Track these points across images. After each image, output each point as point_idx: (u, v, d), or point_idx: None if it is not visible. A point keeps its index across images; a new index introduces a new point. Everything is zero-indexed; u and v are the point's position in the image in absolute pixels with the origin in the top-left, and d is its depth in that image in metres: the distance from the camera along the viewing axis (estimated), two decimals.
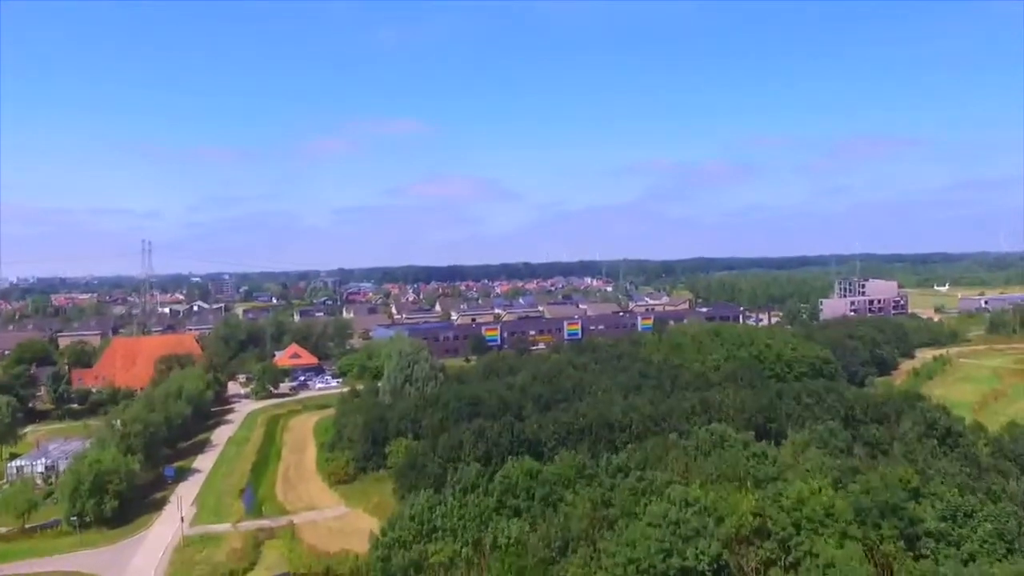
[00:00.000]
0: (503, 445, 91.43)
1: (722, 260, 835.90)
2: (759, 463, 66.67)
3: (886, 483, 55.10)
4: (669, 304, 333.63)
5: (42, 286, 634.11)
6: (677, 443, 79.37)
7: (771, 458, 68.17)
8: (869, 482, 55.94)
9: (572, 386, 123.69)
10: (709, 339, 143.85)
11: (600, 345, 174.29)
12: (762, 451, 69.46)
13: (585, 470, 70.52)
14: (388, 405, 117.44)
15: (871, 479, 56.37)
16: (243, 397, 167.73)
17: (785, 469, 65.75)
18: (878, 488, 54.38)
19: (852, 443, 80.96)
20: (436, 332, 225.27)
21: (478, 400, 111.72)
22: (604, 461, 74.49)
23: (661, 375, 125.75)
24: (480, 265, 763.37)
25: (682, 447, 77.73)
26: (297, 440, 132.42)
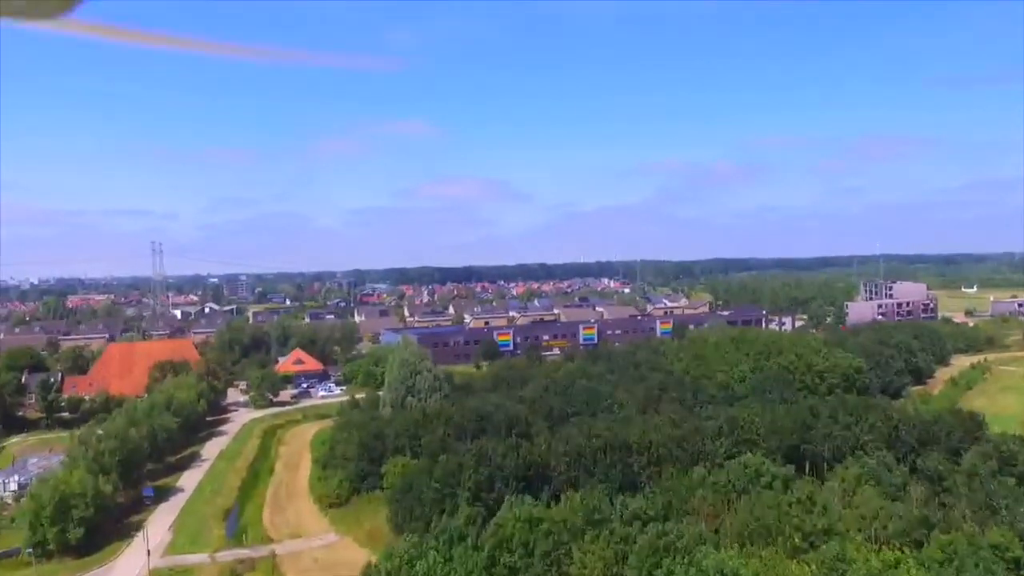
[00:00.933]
0: (508, 469, 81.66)
1: (740, 261, 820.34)
2: (804, 510, 56.16)
3: (976, 550, 44.49)
4: (688, 307, 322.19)
5: (61, 287, 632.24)
6: (705, 480, 69.00)
7: (819, 504, 57.52)
8: (955, 548, 45.17)
9: (586, 399, 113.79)
10: (734, 347, 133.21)
11: (617, 352, 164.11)
12: (807, 495, 58.39)
13: (596, 514, 60.28)
14: (387, 420, 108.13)
15: (956, 544, 45.54)
16: (242, 405, 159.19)
17: (837, 519, 55.21)
18: (966, 554, 43.70)
19: (909, 478, 70.09)
20: (446, 337, 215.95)
21: (483, 415, 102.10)
22: (620, 504, 64.23)
23: (683, 387, 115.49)
24: (496, 266, 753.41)
25: (711, 485, 67.40)
26: (292, 454, 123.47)
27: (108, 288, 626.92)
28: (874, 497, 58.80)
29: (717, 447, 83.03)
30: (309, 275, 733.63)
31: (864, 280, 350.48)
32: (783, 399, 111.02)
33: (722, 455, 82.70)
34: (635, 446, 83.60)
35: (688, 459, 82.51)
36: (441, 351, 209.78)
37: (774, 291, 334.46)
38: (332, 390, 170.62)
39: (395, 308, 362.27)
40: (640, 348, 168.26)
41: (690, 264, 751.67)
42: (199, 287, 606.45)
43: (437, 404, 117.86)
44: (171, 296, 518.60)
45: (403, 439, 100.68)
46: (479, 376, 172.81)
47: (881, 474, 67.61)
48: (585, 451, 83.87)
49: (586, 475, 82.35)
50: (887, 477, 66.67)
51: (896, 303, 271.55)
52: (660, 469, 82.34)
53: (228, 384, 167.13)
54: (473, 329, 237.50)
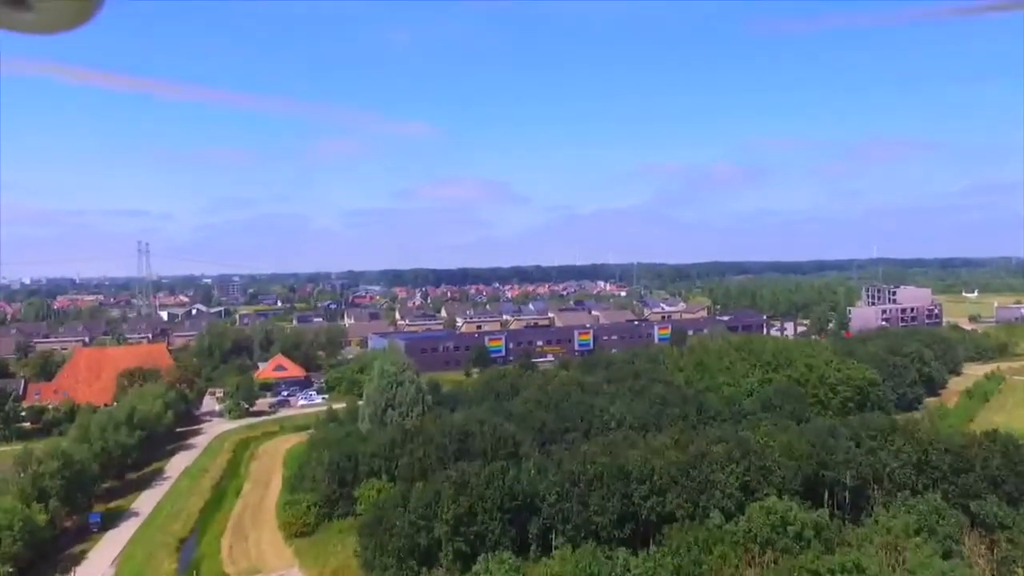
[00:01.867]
0: (491, 499, 71.72)
1: (736, 264, 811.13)
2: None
3: None
4: (686, 311, 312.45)
5: (51, 287, 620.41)
6: (720, 531, 59.06)
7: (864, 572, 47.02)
8: None
9: (580, 414, 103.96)
10: (739, 356, 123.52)
11: (614, 360, 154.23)
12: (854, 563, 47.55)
13: None
14: (362, 437, 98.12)
15: None
16: (218, 415, 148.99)
17: None
18: None
19: (966, 525, 59.99)
20: (436, 342, 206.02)
21: (467, 434, 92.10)
22: (620, 566, 54.17)
23: (686, 403, 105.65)
24: (491, 268, 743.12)
25: (729, 538, 57.40)
26: (263, 471, 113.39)
27: (100, 289, 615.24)
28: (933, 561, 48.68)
29: (728, 476, 73.20)
30: (304, 276, 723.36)
31: (865, 284, 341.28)
32: (794, 416, 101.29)
33: (734, 485, 72.91)
34: (635, 474, 73.69)
35: (695, 488, 72.70)
36: (430, 357, 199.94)
37: (774, 295, 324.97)
38: (313, 399, 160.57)
39: (386, 311, 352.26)
40: (638, 356, 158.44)
41: (687, 267, 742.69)
42: (192, 288, 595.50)
43: (419, 419, 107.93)
44: (162, 297, 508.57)
45: (379, 460, 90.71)
46: (469, 384, 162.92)
47: (932, 521, 57.79)
48: (579, 479, 73.95)
49: (579, 506, 72.45)
50: (942, 527, 56.83)
51: (900, 308, 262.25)
52: (663, 500, 72.49)
53: (203, 392, 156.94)
54: (464, 334, 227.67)
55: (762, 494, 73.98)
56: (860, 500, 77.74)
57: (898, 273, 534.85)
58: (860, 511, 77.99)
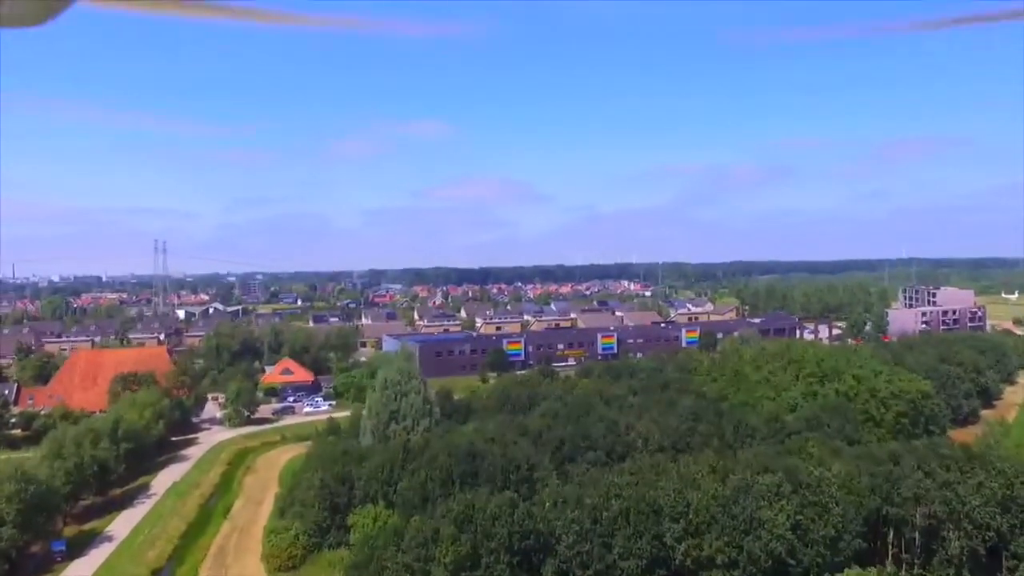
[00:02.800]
0: (497, 538, 60.87)
1: (761, 263, 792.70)
2: None
3: None
4: (714, 312, 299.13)
5: (77, 285, 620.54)
6: None
7: None
8: None
9: (604, 431, 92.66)
10: (779, 366, 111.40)
11: (640, 367, 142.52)
12: None
13: None
14: (359, 455, 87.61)
15: None
16: (218, 422, 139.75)
17: None
18: None
19: None
20: (452, 345, 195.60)
21: (475, 454, 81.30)
22: None
23: (721, 419, 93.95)
24: (513, 267, 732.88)
25: None
26: (258, 487, 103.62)
27: (124, 287, 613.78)
28: None
29: (777, 514, 61.64)
30: (325, 274, 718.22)
31: (902, 285, 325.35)
32: (844, 436, 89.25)
33: (784, 525, 61.28)
34: (667, 510, 62.38)
35: (738, 529, 61.23)
36: (445, 360, 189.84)
37: (804, 296, 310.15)
38: (319, 406, 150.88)
39: (405, 310, 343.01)
40: (666, 362, 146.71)
41: (712, 267, 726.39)
42: (215, 286, 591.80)
43: (425, 434, 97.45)
44: (183, 295, 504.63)
45: (376, 483, 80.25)
46: (484, 391, 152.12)
47: None
48: (601, 515, 62.78)
49: (602, 549, 61.31)
50: None
51: (941, 311, 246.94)
52: (701, 543, 61.11)
53: (202, 398, 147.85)
54: (481, 336, 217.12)
55: (816, 535, 62.45)
56: (932, 543, 65.74)
57: (929, 273, 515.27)
58: (931, 556, 66.10)
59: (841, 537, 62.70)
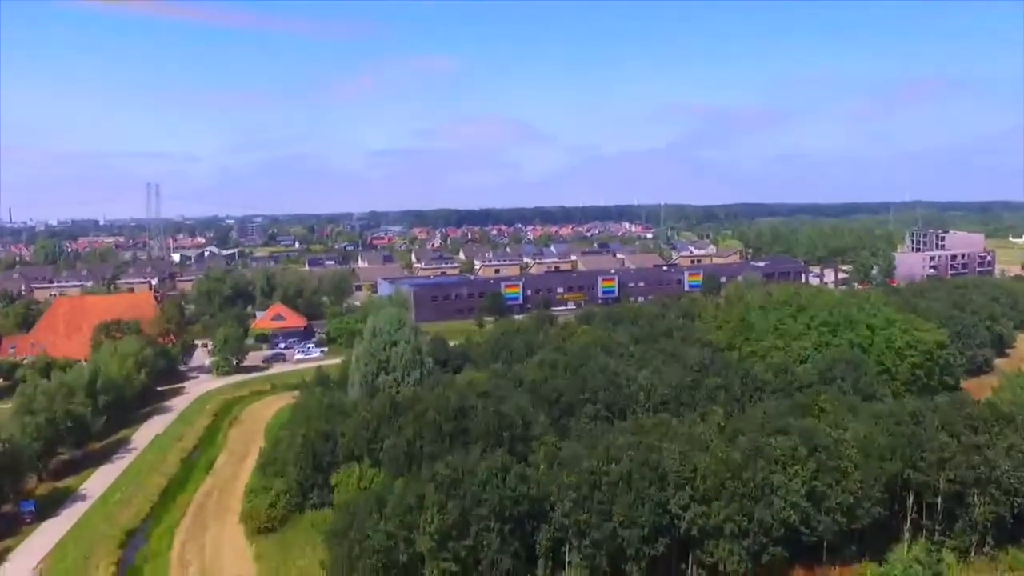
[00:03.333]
0: (488, 504, 55.88)
1: (765, 206, 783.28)
2: None
3: None
4: (717, 255, 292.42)
5: (74, 229, 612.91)
6: None
7: None
8: None
9: (604, 383, 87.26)
10: (788, 314, 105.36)
11: (641, 313, 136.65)
12: None
13: None
14: (344, 410, 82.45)
15: None
16: (206, 371, 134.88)
17: None
18: None
19: None
20: (448, 289, 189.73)
21: (467, 410, 76.03)
22: None
23: (728, 371, 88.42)
24: (514, 208, 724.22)
25: None
26: (243, 440, 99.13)
27: (123, 230, 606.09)
28: None
29: (790, 479, 56.44)
30: (325, 217, 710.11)
31: (909, 229, 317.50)
32: (859, 390, 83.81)
33: (798, 492, 56.15)
34: (672, 475, 57.16)
35: (748, 495, 56.10)
36: (441, 305, 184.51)
37: (809, 239, 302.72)
38: (311, 352, 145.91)
39: (403, 253, 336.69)
40: (668, 307, 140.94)
41: (714, 208, 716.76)
42: (214, 229, 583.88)
43: (416, 386, 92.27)
44: (181, 238, 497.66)
45: (361, 440, 75.18)
46: (480, 337, 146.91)
47: None
48: (600, 480, 57.60)
49: (601, 517, 56.33)
50: None
51: (949, 255, 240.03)
52: (708, 511, 56.08)
53: (189, 346, 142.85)
54: (478, 280, 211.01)
55: (833, 502, 57.37)
56: (956, 508, 60.78)
57: (935, 217, 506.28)
58: (953, 522, 61.25)
59: (860, 504, 57.64)
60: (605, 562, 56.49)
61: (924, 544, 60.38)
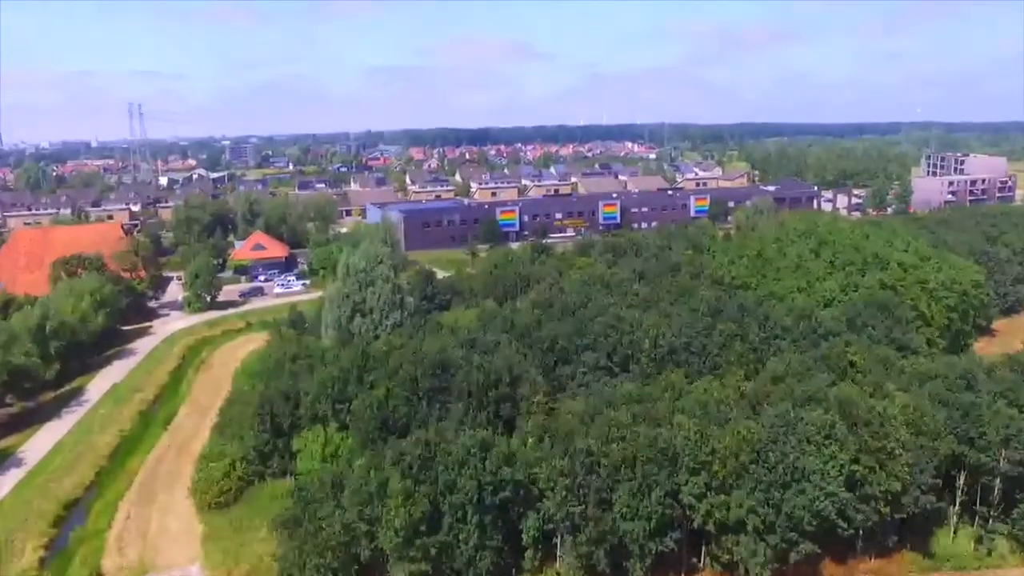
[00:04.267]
0: (464, 489, 46.32)
1: (770, 126, 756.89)
2: None
3: None
4: (723, 178, 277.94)
5: (63, 152, 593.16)
6: None
7: None
8: None
9: (604, 329, 76.89)
10: (809, 249, 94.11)
11: (645, 244, 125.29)
12: None
13: None
14: (309, 362, 72.40)
15: None
16: (178, 307, 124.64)
17: None
18: None
19: None
20: (440, 215, 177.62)
21: (447, 365, 65.96)
22: None
23: (744, 315, 77.81)
24: (513, 128, 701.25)
25: None
26: (209, 389, 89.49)
27: (113, 153, 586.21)
28: None
29: (826, 463, 46.61)
30: (322, 137, 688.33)
31: (921, 151, 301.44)
32: (892, 340, 73.46)
33: (835, 478, 46.38)
34: (684, 458, 47.32)
35: (776, 483, 46.44)
36: (432, 232, 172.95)
37: (819, 162, 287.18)
38: (291, 286, 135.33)
39: (398, 174, 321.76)
40: (675, 239, 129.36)
41: (719, 128, 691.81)
42: (206, 150, 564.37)
43: (389, 339, 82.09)
44: (172, 160, 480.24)
45: (326, 399, 65.37)
46: (472, 267, 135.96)
47: None
48: (598, 463, 47.85)
49: (597, 509, 46.84)
50: None
51: (969, 181, 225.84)
52: (728, 501, 46.51)
53: (160, 280, 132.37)
54: (472, 205, 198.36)
55: (876, 490, 47.72)
56: (1017, 492, 51.22)
57: (946, 139, 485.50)
58: (1011, 508, 51.80)
59: (907, 491, 48.03)
60: (604, 559, 47.32)
61: (975, 531, 51.24)
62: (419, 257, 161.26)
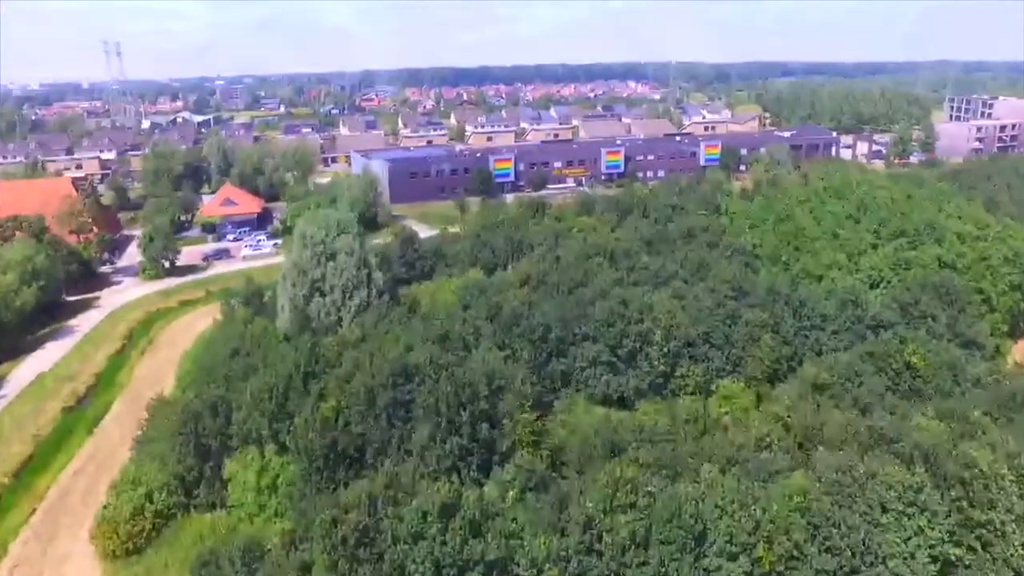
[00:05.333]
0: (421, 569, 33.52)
1: (778, 64, 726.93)
2: None
3: None
4: (733, 122, 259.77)
5: (49, 93, 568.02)
6: None
7: None
8: None
9: (607, 315, 63.35)
10: (845, 213, 79.59)
11: (654, 202, 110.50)
12: None
13: None
14: (249, 366, 59.01)
15: None
16: (133, 273, 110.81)
17: None
18: None
19: None
20: (427, 164, 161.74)
21: (411, 373, 52.64)
22: None
23: (774, 300, 64.04)
24: (514, 66, 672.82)
25: None
26: (152, 378, 76.27)
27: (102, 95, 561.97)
28: None
29: (907, 538, 33.58)
30: (317, 77, 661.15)
31: (939, 92, 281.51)
32: (955, 332, 59.81)
33: (924, 564, 33.37)
34: (717, 537, 34.18)
35: (843, 570, 33.43)
36: (420, 183, 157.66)
37: (834, 104, 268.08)
38: (260, 247, 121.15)
39: (391, 116, 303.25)
40: (687, 195, 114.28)
41: (725, 67, 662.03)
42: (198, 92, 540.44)
43: (360, 314, 68.63)
44: (161, 102, 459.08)
45: (262, 414, 52.26)
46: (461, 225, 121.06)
47: None
48: (599, 538, 34.79)
49: None
50: None
51: (998, 126, 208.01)
52: None
53: (115, 242, 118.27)
54: (464, 153, 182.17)
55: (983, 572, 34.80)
56: None
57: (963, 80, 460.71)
58: None
59: None
60: None
61: None
62: (405, 211, 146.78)
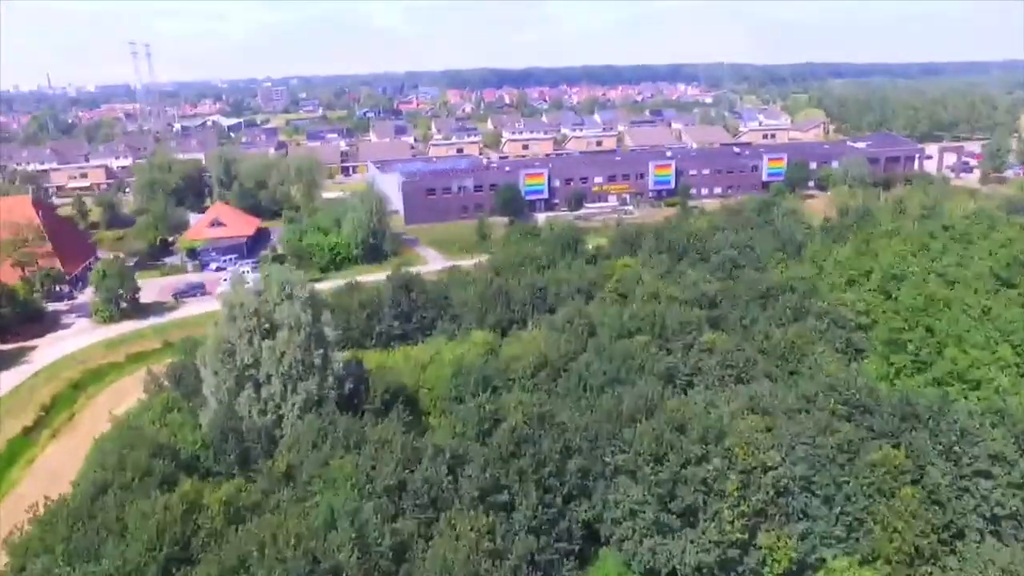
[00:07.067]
0: None
1: (829, 66, 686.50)
2: None
3: None
4: (794, 128, 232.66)
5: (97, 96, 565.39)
6: None
7: None
8: None
9: (654, 449, 41.18)
10: (985, 267, 55.79)
11: (714, 243, 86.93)
12: None
13: None
14: (115, 520, 38.52)
15: None
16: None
17: None
18: None
19: None
20: (449, 179, 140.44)
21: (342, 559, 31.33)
22: None
23: (913, 429, 40.91)
24: (560, 67, 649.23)
25: None
26: (53, 476, 56.84)
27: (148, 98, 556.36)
28: None
29: None
30: (360, 79, 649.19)
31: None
32: None
33: None
34: None
35: None
36: (439, 201, 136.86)
37: (908, 109, 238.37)
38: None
39: (425, 121, 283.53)
40: (756, 233, 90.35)
41: (777, 69, 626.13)
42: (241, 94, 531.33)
43: (299, 419, 47.87)
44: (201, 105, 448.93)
45: None
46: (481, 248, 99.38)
47: None
48: None
49: None
50: None
51: None
52: None
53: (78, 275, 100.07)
54: (492, 167, 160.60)
55: None
56: None
57: None
58: None
59: None
60: None
61: None
62: (420, 233, 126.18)
